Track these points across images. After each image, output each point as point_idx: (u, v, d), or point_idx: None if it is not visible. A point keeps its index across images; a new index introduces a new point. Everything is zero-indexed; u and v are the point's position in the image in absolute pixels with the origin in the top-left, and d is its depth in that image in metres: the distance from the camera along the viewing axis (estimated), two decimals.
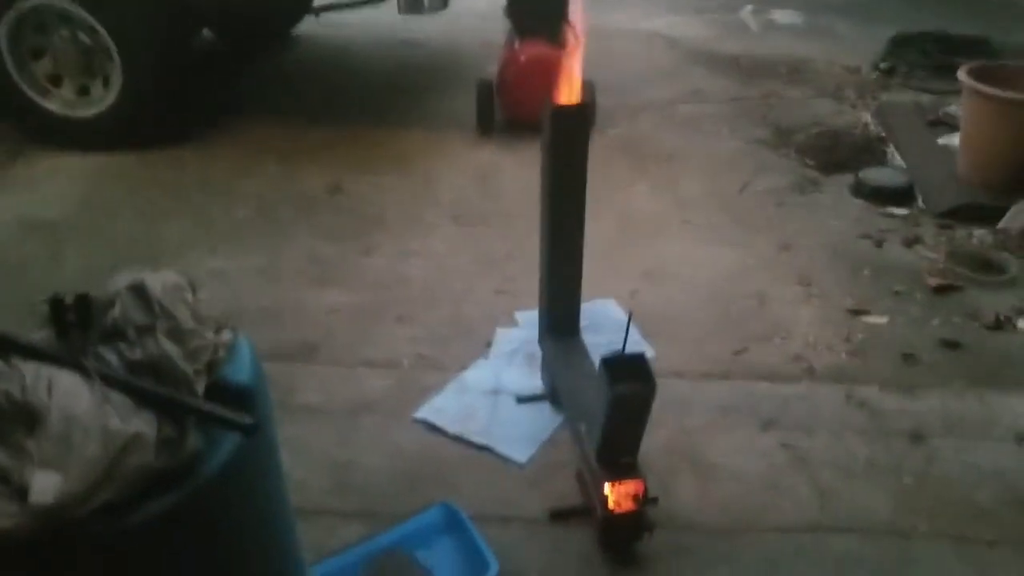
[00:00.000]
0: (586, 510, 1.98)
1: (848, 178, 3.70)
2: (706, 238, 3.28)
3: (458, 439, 2.24)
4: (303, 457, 2.16)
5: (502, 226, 3.32)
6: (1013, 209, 3.29)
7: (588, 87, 3.95)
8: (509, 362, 2.52)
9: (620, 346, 1.75)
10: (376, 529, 1.96)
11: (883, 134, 4.09)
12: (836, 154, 3.87)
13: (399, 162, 3.86)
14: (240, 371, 1.13)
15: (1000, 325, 2.76)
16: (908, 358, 2.61)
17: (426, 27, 5.14)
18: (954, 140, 3.86)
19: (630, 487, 1.82)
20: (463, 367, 2.52)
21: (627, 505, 1.85)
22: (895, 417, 2.37)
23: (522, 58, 3.86)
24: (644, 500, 1.85)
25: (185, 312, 1.10)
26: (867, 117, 4.34)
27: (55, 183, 3.62)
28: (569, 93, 2.03)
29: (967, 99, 3.51)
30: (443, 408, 2.33)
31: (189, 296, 1.14)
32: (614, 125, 4.17)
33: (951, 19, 5.45)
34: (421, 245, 3.21)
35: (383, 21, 5.09)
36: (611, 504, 1.83)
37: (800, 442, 2.28)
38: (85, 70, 3.74)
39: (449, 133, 4.14)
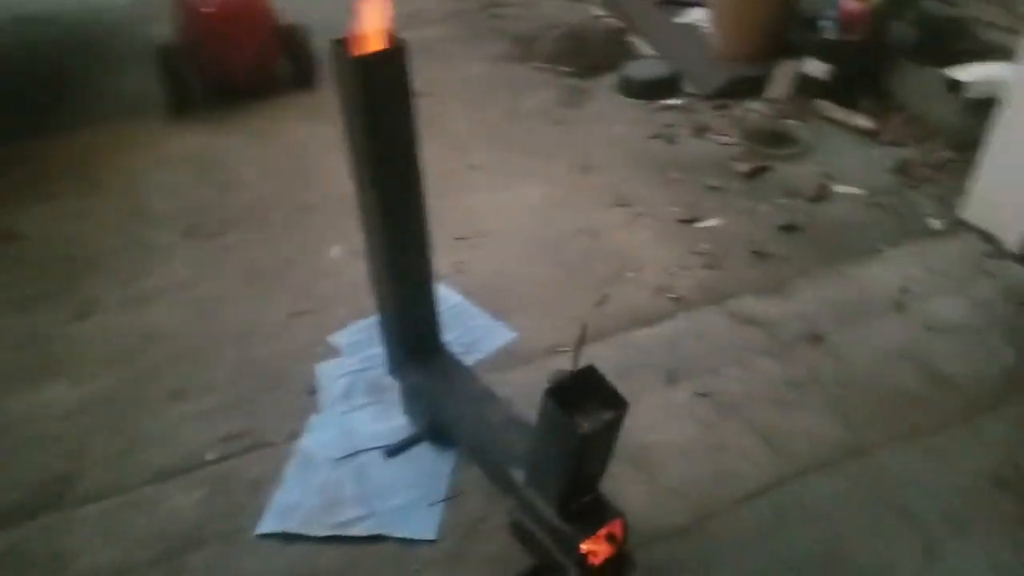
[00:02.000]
0: (550, 568, 1.50)
1: (610, 79, 3.45)
2: (501, 180, 2.83)
3: (333, 539, 1.62)
4: None
5: (257, 227, 2.58)
6: (775, 75, 3.24)
7: (300, 32, 3.25)
8: (349, 405, 1.91)
9: (481, 337, 1.27)
10: None
11: (622, 24, 3.89)
12: (587, 56, 3.59)
13: (86, 175, 2.91)
14: None
15: (822, 196, 2.68)
16: (759, 255, 2.42)
17: None
18: (691, 16, 3.75)
19: (606, 531, 1.38)
20: (294, 434, 1.86)
21: (605, 551, 1.40)
22: (785, 324, 2.16)
23: (210, 5, 3.05)
24: (623, 537, 1.42)
25: None
26: (597, 9, 4.12)
27: None
28: (368, 36, 1.44)
29: None
30: (295, 505, 1.67)
31: None
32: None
33: None
34: (157, 280, 2.40)
35: None
36: (592, 560, 1.38)
37: (713, 384, 1.98)
38: None
39: (136, 122, 3.22)
